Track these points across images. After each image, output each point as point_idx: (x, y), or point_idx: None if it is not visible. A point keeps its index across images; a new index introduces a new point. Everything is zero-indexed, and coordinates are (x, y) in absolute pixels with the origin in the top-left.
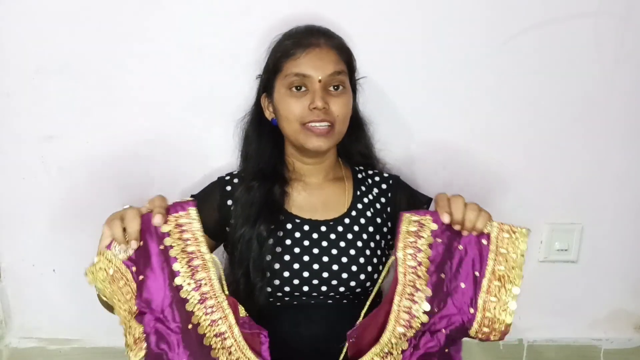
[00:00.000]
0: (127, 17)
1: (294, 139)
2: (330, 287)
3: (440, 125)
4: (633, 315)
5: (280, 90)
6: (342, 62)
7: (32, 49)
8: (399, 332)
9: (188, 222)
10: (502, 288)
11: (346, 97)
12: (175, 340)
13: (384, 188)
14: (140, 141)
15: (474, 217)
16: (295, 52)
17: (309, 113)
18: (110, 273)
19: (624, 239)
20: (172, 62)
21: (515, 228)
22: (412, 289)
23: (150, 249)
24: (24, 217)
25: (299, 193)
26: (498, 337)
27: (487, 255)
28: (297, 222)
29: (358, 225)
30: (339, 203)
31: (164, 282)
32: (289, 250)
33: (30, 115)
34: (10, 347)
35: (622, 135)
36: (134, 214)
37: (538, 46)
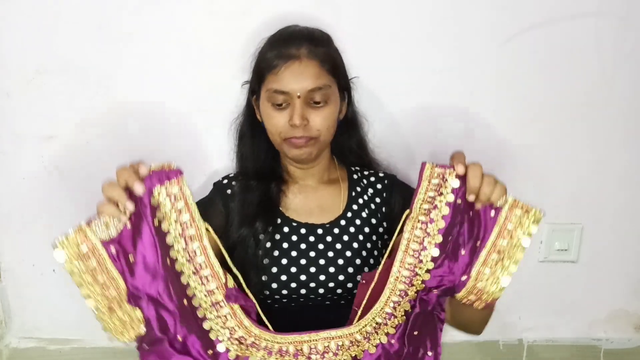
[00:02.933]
0: (127, 17)
1: (278, 148)
2: (327, 289)
3: (439, 126)
4: (633, 315)
5: (264, 101)
6: (324, 74)
7: (32, 49)
8: (400, 289)
9: (179, 190)
10: (499, 262)
11: (328, 110)
12: (172, 322)
13: (379, 188)
14: (141, 141)
15: (490, 188)
16: (276, 64)
17: (289, 129)
18: (83, 251)
19: (624, 239)
20: (172, 62)
21: (530, 208)
22: (418, 245)
23: (141, 226)
24: (24, 217)
25: (295, 196)
26: (482, 307)
27: (493, 227)
28: (294, 225)
29: (354, 226)
30: (334, 205)
31: (157, 259)
32: (286, 253)
33: (30, 115)
34: (10, 347)
35: (622, 135)
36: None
37: (538, 46)
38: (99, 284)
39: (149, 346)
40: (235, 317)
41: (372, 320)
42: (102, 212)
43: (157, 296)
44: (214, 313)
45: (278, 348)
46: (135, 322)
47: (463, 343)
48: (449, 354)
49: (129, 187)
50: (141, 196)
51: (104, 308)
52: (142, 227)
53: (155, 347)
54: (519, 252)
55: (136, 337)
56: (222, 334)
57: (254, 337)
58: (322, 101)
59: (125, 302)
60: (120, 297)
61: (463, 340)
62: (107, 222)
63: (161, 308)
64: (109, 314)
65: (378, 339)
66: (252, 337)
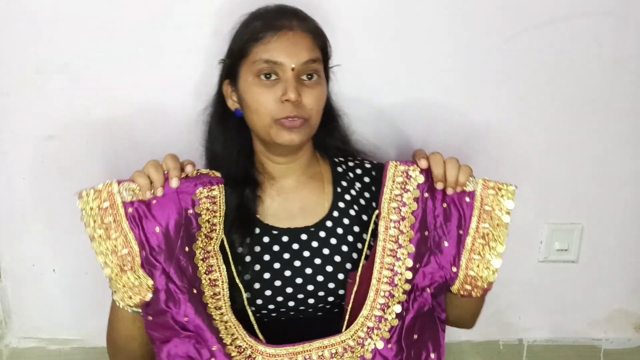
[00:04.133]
0: (127, 17)
1: (263, 133)
2: (318, 299)
3: (437, 125)
4: (633, 315)
5: (247, 78)
6: (317, 49)
7: (32, 49)
8: (384, 290)
9: (218, 196)
10: (485, 246)
11: (321, 88)
12: (181, 297)
13: (367, 182)
14: (141, 141)
15: (455, 171)
16: (265, 35)
17: (281, 108)
18: (103, 206)
19: (624, 239)
20: (172, 62)
21: (501, 185)
22: (394, 244)
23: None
24: (24, 217)
25: (273, 199)
26: (480, 294)
27: (472, 212)
28: (275, 233)
29: (342, 227)
30: (318, 204)
31: (178, 242)
32: (268, 267)
33: (30, 115)
34: (10, 347)
35: (622, 135)
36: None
37: (538, 46)
38: (112, 240)
39: (153, 317)
40: (234, 326)
41: (362, 324)
42: (135, 180)
43: (170, 272)
44: (218, 317)
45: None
46: (144, 288)
47: (463, 343)
48: (449, 354)
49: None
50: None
51: (115, 267)
52: (173, 208)
53: (159, 318)
54: (503, 231)
55: (140, 302)
56: (227, 338)
57: (250, 350)
58: (315, 75)
59: (139, 267)
60: (134, 260)
61: (463, 340)
62: (135, 190)
63: (171, 282)
64: (120, 274)
65: (373, 344)
66: (249, 349)
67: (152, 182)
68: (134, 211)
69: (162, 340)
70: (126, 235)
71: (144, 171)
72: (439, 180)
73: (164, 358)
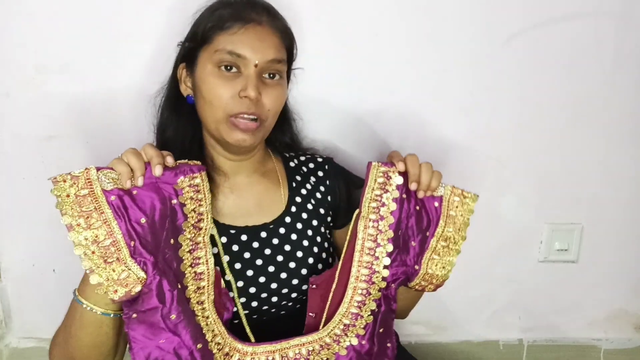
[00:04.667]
0: (127, 17)
1: (214, 128)
2: (281, 296)
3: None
4: (633, 315)
5: (205, 66)
6: (283, 49)
7: (32, 49)
8: (362, 288)
9: (201, 183)
10: (446, 248)
11: (281, 89)
12: (170, 295)
13: (321, 175)
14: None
15: (428, 175)
16: (232, 25)
17: (238, 102)
18: (81, 194)
19: (624, 239)
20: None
21: (466, 193)
22: (372, 243)
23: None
24: (24, 217)
25: (226, 197)
26: (432, 289)
27: (440, 217)
28: (232, 232)
29: (300, 221)
30: (274, 200)
31: (164, 236)
32: (229, 266)
33: (30, 115)
34: (10, 347)
35: (622, 135)
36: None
37: (538, 46)
38: (92, 229)
39: (138, 314)
40: (214, 322)
41: (339, 322)
42: (115, 167)
43: (160, 266)
44: (200, 312)
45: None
46: (132, 280)
47: (463, 343)
48: (449, 353)
49: (150, 163)
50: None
51: (97, 258)
52: (157, 199)
53: (147, 317)
54: (462, 235)
55: (125, 295)
56: (208, 335)
57: (228, 347)
58: (278, 75)
59: (129, 257)
60: (120, 251)
61: (463, 340)
62: (114, 179)
63: (164, 278)
64: (103, 266)
65: (348, 341)
66: (227, 347)
67: (132, 171)
68: (117, 199)
69: (142, 343)
70: (109, 225)
71: (123, 158)
72: (413, 181)
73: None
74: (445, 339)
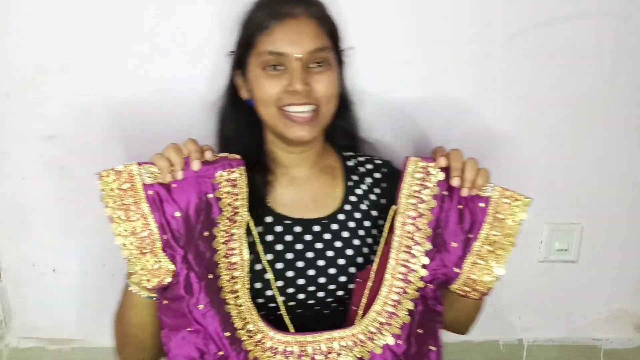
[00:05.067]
0: (127, 17)
1: (272, 125)
2: (328, 292)
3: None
4: (633, 315)
5: (254, 69)
6: (324, 35)
7: (32, 49)
8: (397, 287)
9: (239, 178)
10: (492, 253)
11: (331, 74)
12: (197, 287)
13: (378, 177)
14: (141, 141)
15: (473, 171)
16: (269, 24)
17: (287, 95)
18: (123, 187)
19: (624, 239)
20: (172, 62)
21: (517, 196)
22: (410, 241)
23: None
24: (24, 217)
25: (285, 189)
26: (477, 297)
27: (484, 219)
28: (287, 223)
29: (353, 220)
30: (330, 197)
31: (197, 227)
32: (281, 256)
33: (30, 115)
34: (10, 347)
35: (622, 135)
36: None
37: (538, 46)
38: (131, 221)
39: (169, 302)
40: (247, 310)
41: (374, 319)
42: (155, 162)
43: (189, 258)
44: (233, 300)
45: (283, 349)
46: (164, 271)
47: (463, 343)
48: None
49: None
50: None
51: (134, 249)
52: (194, 193)
53: (175, 305)
54: (511, 240)
55: (158, 285)
56: (238, 323)
57: (261, 334)
58: (324, 62)
59: (160, 250)
60: (154, 243)
61: (463, 340)
62: (155, 173)
63: (191, 270)
64: (139, 257)
65: (384, 340)
66: (260, 334)
67: (172, 165)
68: (154, 194)
69: (171, 327)
70: (146, 218)
71: (164, 154)
72: (456, 176)
73: (172, 347)
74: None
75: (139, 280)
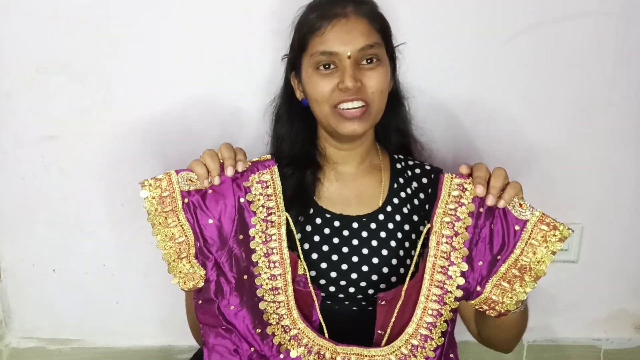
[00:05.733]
0: (127, 17)
1: (325, 123)
2: (359, 289)
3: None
4: (633, 315)
5: (307, 70)
6: (374, 32)
7: (32, 49)
8: (432, 309)
9: (271, 179)
10: (518, 277)
11: (382, 70)
12: (228, 289)
13: (424, 182)
14: (141, 141)
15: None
16: (320, 25)
17: (339, 93)
18: (163, 195)
19: (624, 239)
20: (172, 62)
21: (557, 224)
22: (445, 261)
23: (227, 199)
24: (24, 217)
25: (330, 183)
26: (494, 315)
27: (517, 243)
28: (327, 217)
29: (393, 222)
30: (373, 196)
31: (231, 232)
32: (317, 247)
33: (30, 115)
34: (10, 347)
35: (622, 135)
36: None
37: (538, 46)
38: (170, 227)
39: (203, 302)
40: (287, 306)
41: (406, 342)
42: (193, 169)
43: (220, 263)
44: (271, 297)
45: (317, 350)
46: (197, 276)
47: (463, 343)
48: None
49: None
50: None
51: (173, 253)
52: (227, 199)
53: (207, 305)
54: (542, 270)
55: (194, 287)
56: (273, 318)
57: (297, 330)
58: (375, 59)
59: (193, 257)
60: (189, 249)
61: (463, 340)
62: (192, 179)
63: (221, 275)
64: (177, 261)
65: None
66: (296, 330)
67: (209, 171)
68: (189, 202)
69: (207, 324)
70: (182, 225)
71: (201, 160)
72: (479, 184)
73: (211, 342)
74: None
75: (177, 282)
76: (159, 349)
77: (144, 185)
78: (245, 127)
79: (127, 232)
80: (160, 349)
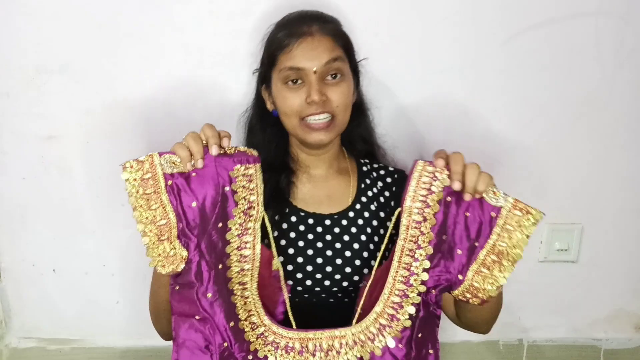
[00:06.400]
0: (127, 17)
1: (294, 133)
2: (333, 281)
3: (439, 125)
4: (633, 315)
5: (277, 84)
6: (338, 48)
7: (32, 49)
8: (399, 289)
9: (255, 173)
10: (497, 263)
11: (345, 85)
12: (207, 275)
13: (389, 182)
14: (141, 141)
15: (474, 176)
16: (288, 43)
17: (306, 106)
18: (145, 177)
19: (624, 239)
20: (172, 62)
21: (530, 209)
22: (413, 244)
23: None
24: (24, 217)
25: (303, 185)
26: (477, 303)
27: (493, 229)
28: (302, 215)
29: (362, 218)
30: (343, 196)
31: (212, 219)
32: (293, 243)
33: (30, 115)
34: (10, 347)
35: (622, 135)
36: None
37: (538, 46)
38: (152, 210)
39: (180, 287)
40: (253, 302)
41: (374, 320)
42: (176, 152)
43: (202, 247)
44: (240, 291)
45: (284, 344)
46: (178, 258)
47: (463, 343)
48: (449, 354)
49: (207, 143)
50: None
51: (153, 236)
52: (211, 184)
53: (185, 290)
54: (518, 253)
55: (172, 271)
56: (242, 313)
57: (264, 328)
58: (339, 74)
59: (175, 238)
60: (171, 231)
61: (463, 340)
62: (175, 162)
63: (202, 259)
64: (157, 243)
65: (384, 342)
66: (262, 327)
67: (192, 154)
68: (173, 183)
69: (181, 313)
70: (165, 207)
71: (184, 143)
72: (456, 180)
73: (181, 334)
74: (445, 339)
75: (155, 266)
76: (159, 349)
77: (125, 167)
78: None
79: (127, 232)
80: (160, 349)
